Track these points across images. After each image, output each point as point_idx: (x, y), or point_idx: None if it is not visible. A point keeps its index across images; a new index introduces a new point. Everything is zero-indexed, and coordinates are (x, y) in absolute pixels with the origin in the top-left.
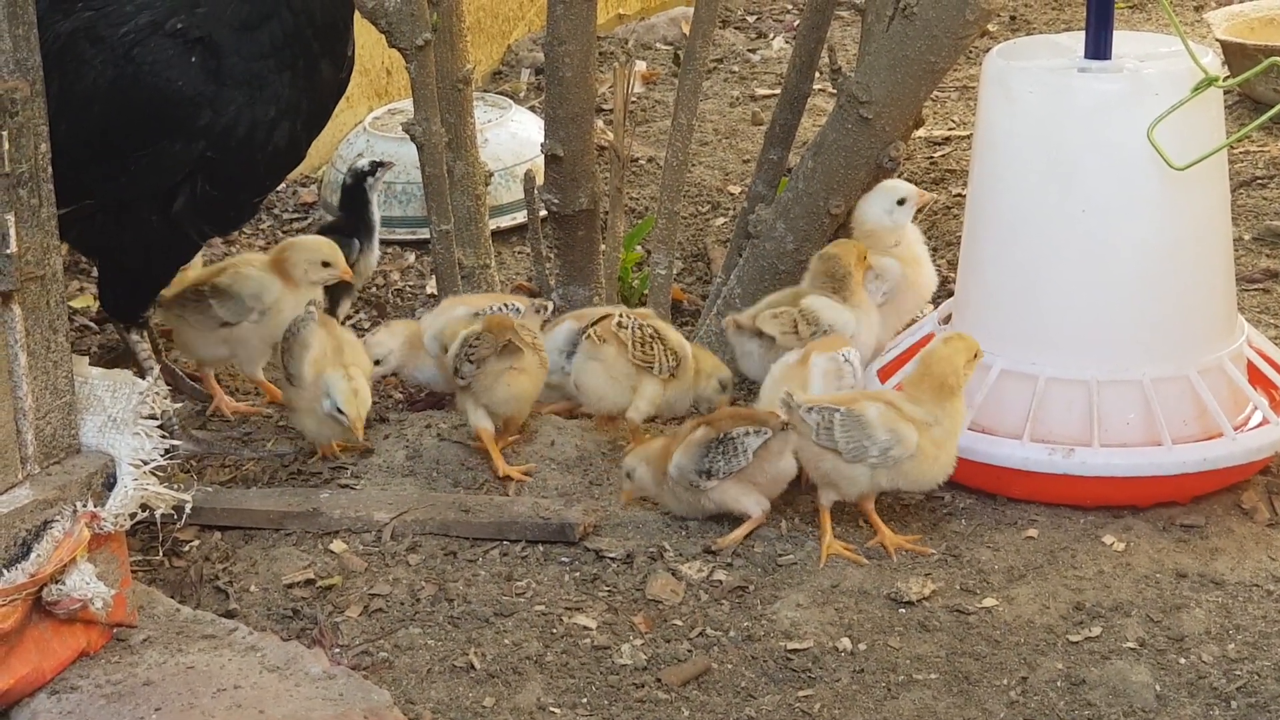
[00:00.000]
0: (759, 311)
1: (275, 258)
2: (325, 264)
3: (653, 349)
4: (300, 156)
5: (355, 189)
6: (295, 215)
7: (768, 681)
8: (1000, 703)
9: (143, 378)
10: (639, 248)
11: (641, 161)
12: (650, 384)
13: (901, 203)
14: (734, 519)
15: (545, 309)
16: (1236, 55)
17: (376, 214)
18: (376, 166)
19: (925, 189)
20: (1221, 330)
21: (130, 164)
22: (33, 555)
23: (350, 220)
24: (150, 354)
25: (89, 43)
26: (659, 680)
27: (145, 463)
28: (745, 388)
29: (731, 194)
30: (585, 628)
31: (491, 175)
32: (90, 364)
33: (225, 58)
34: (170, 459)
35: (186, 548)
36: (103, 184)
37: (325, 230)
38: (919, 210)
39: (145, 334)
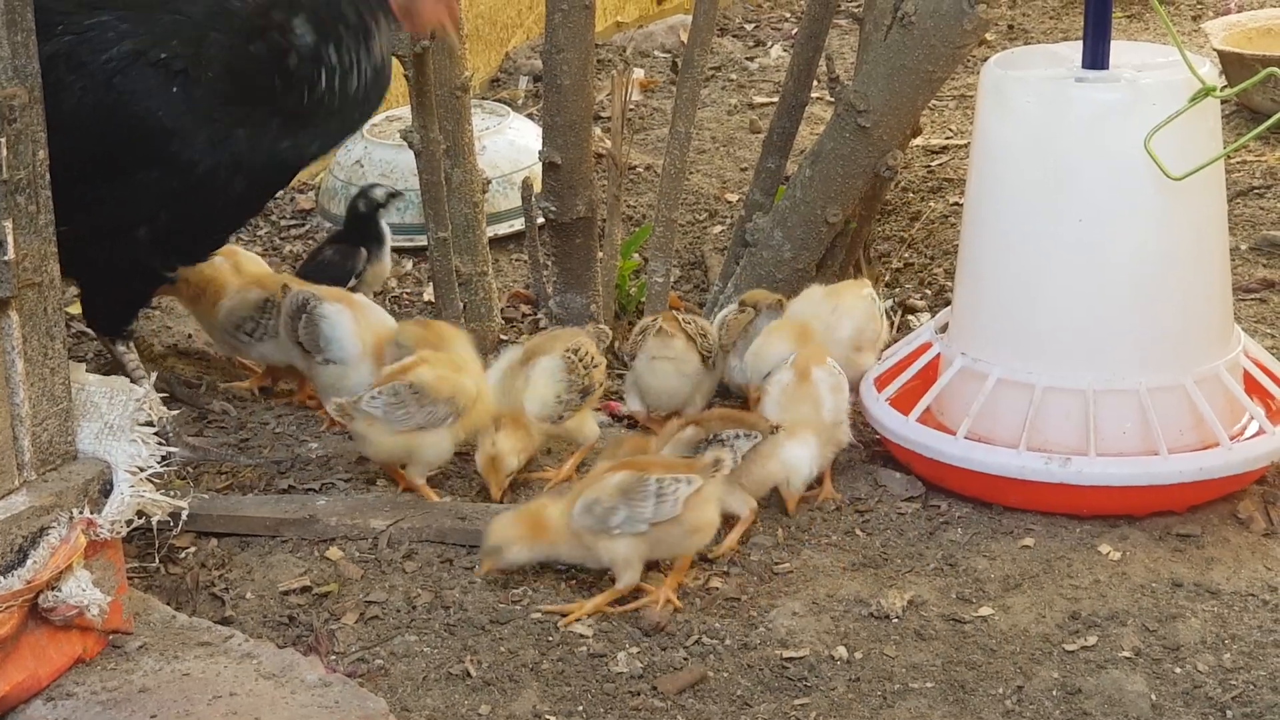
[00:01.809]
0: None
1: None
2: None
3: (709, 342)
4: (258, 210)
5: (368, 216)
6: (293, 222)
7: (763, 690)
8: (996, 712)
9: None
10: (636, 255)
11: (639, 169)
12: (711, 378)
13: None
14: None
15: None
16: (1234, 65)
17: (385, 226)
18: (390, 198)
19: (923, 197)
20: (1218, 340)
21: (115, 191)
22: (29, 562)
23: (358, 230)
24: (139, 363)
25: (68, 69)
26: (655, 688)
27: (142, 469)
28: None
29: (729, 202)
30: (581, 635)
31: (489, 182)
32: (87, 371)
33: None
34: (167, 466)
35: (183, 554)
36: (84, 210)
37: (334, 240)
38: (916, 222)
39: (131, 345)
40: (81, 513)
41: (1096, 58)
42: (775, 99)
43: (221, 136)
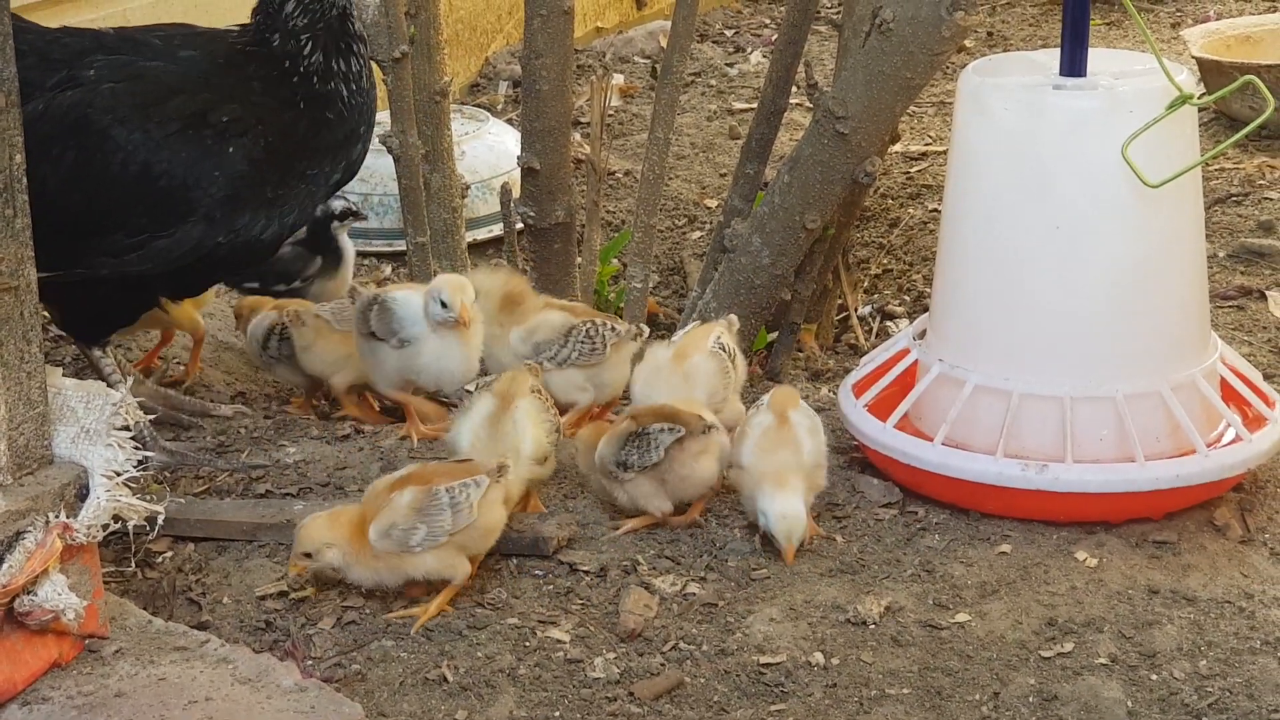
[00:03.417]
0: None
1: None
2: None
3: None
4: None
5: (321, 226)
6: None
7: (740, 696)
8: (972, 718)
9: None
10: (615, 261)
11: (618, 175)
12: None
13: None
14: (707, 538)
15: None
16: (1212, 72)
17: (347, 245)
18: (348, 214)
19: (902, 204)
20: (1195, 347)
21: (155, 242)
22: (4, 566)
23: (316, 237)
24: (115, 368)
25: (115, 120)
26: (632, 694)
27: (118, 474)
28: None
29: (708, 208)
30: (558, 641)
31: (468, 188)
32: (64, 375)
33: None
34: (144, 470)
35: (159, 559)
36: (114, 256)
37: (294, 240)
38: (895, 228)
39: (108, 350)
40: (58, 517)
41: (1074, 65)
42: (754, 105)
43: (270, 200)
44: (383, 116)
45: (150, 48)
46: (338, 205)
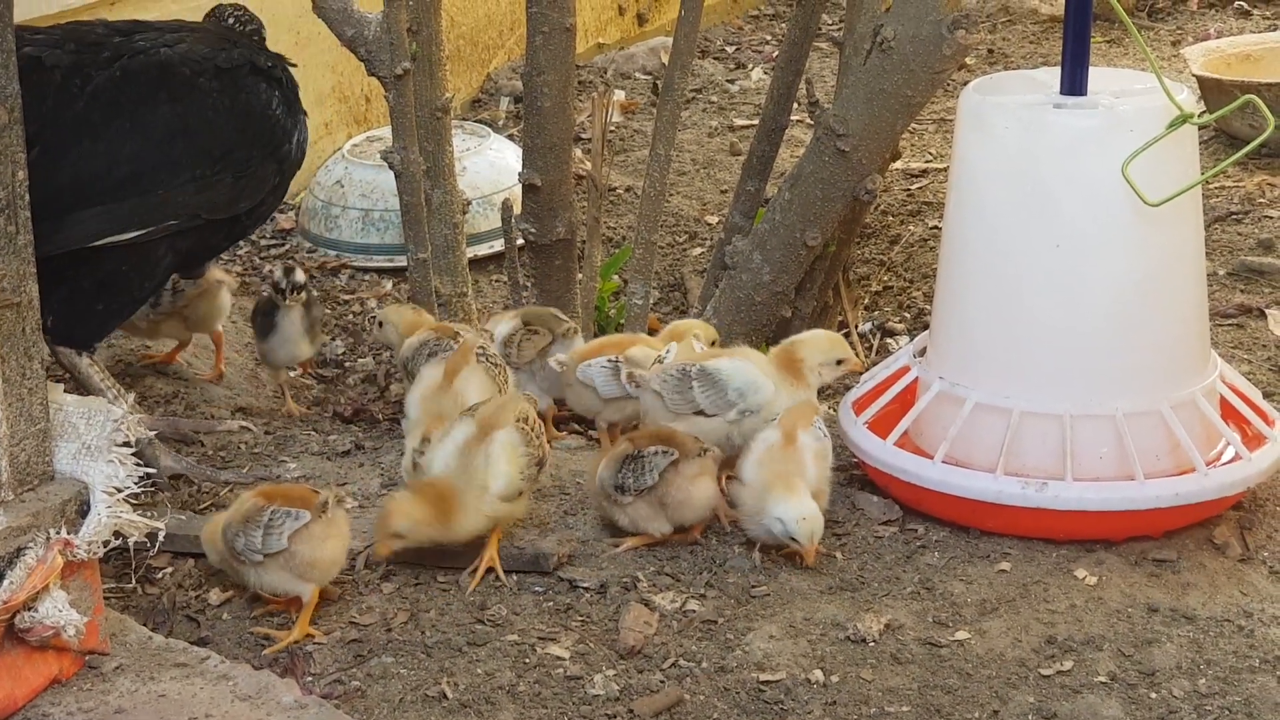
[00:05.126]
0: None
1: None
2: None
3: None
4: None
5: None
6: (273, 242)
7: (740, 713)
8: None
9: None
10: (616, 277)
11: (619, 191)
12: None
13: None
14: (707, 555)
15: None
16: (1213, 91)
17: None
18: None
19: (902, 221)
20: (1195, 365)
21: (239, 176)
22: (5, 582)
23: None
24: (107, 376)
25: (203, 73)
26: (631, 711)
27: (119, 490)
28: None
29: (709, 224)
30: (558, 658)
31: (469, 203)
32: (65, 391)
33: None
34: (145, 486)
35: (160, 575)
36: (200, 195)
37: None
38: (895, 245)
39: (96, 360)
40: (58, 533)
41: (1075, 84)
42: (755, 122)
43: (300, 138)
44: (385, 132)
45: (153, 27)
46: (301, 277)
